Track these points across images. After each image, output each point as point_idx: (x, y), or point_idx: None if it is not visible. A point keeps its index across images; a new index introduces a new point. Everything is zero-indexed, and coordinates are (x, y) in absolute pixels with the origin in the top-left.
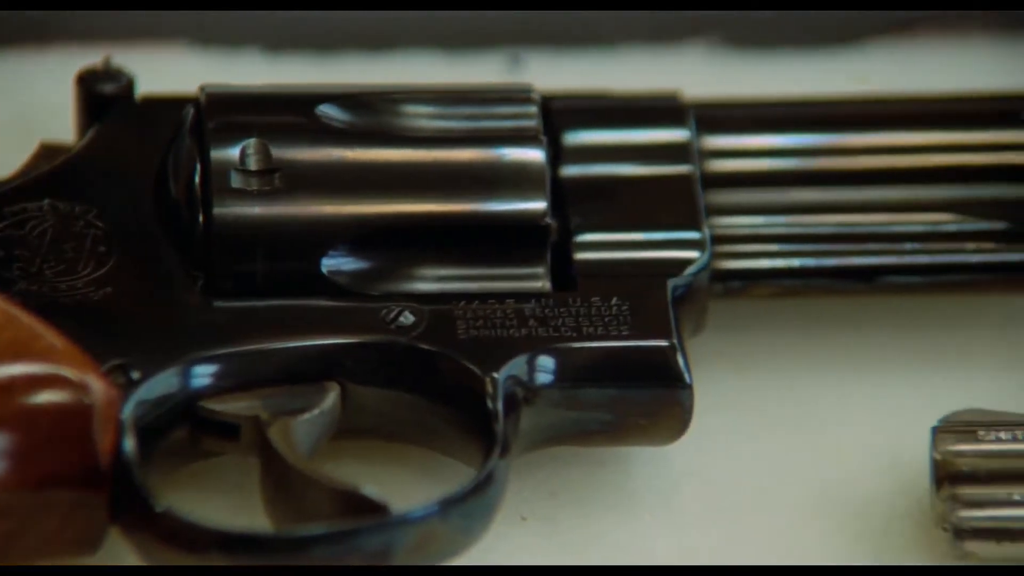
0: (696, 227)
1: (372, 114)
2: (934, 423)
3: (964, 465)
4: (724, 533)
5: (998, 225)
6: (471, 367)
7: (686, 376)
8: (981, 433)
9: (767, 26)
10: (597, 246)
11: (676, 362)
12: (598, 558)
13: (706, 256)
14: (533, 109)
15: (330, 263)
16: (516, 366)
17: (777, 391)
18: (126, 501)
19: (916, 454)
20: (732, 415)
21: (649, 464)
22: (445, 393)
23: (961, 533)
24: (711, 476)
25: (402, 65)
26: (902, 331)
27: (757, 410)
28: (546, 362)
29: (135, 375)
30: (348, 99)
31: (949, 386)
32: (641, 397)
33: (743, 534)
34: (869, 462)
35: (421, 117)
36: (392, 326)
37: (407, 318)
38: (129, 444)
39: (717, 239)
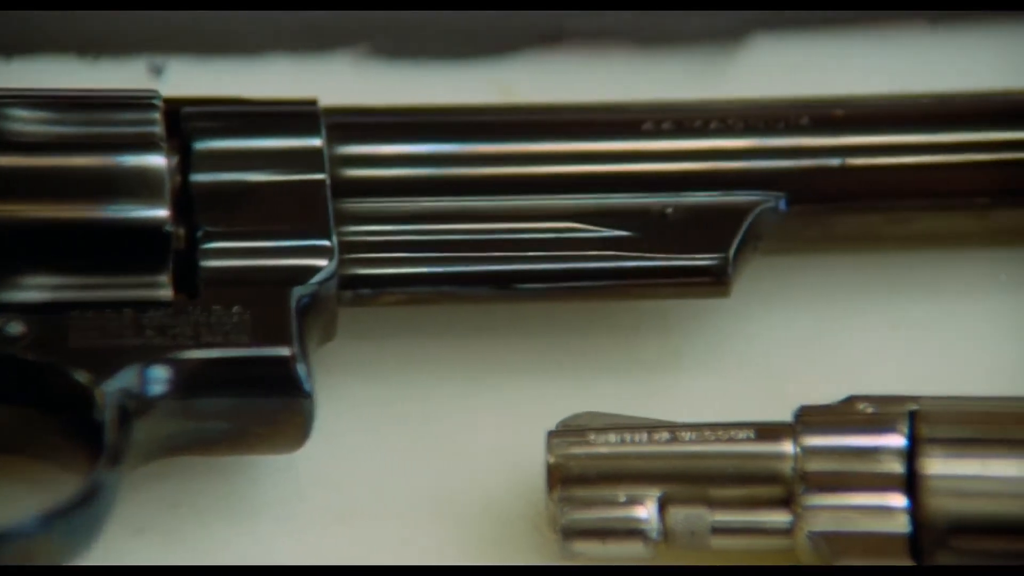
0: (324, 235)
1: None
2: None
3: (575, 467)
4: (348, 538)
5: (621, 233)
6: (79, 379)
7: (306, 385)
8: (592, 436)
9: (414, 36)
10: (223, 254)
11: (296, 371)
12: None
13: (333, 264)
14: (155, 115)
15: None
16: (128, 376)
17: (407, 398)
18: None
19: (536, 458)
20: (361, 422)
21: (275, 472)
22: (54, 405)
23: (568, 534)
24: (338, 482)
25: (38, 70)
26: (530, 337)
27: (386, 416)
28: (161, 372)
29: None
30: None
31: (574, 390)
32: (261, 406)
33: (366, 539)
34: (492, 466)
35: (34, 122)
36: None
37: (14, 328)
38: None
39: (347, 247)
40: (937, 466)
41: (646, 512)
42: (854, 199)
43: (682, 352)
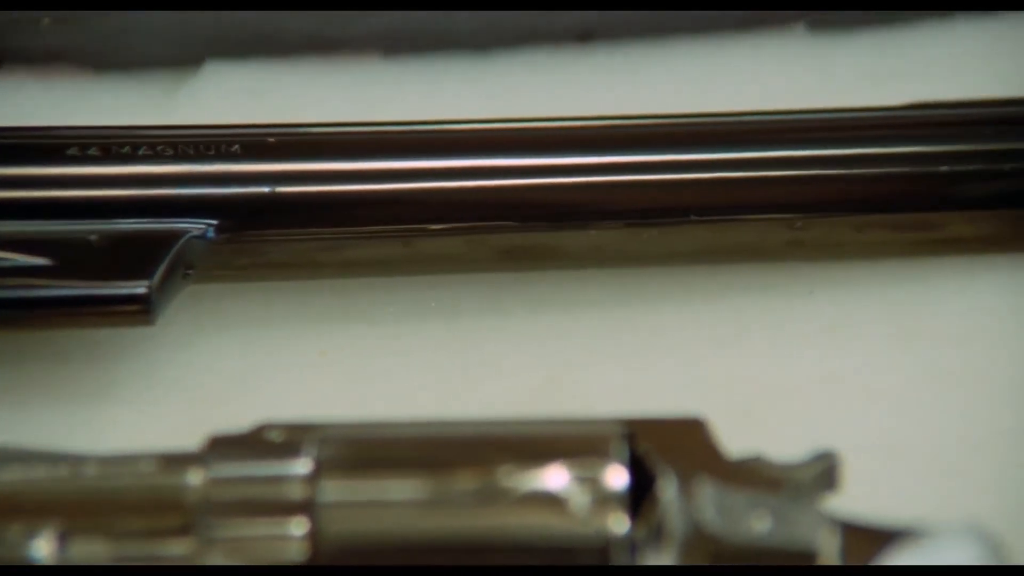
0: None
1: None
2: None
3: None
4: None
5: (41, 261)
6: None
7: None
8: None
9: None
10: None
11: None
12: None
13: None
14: None
15: None
16: None
17: None
18: None
19: None
20: None
21: None
22: None
23: None
24: None
25: None
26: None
27: None
28: None
29: None
30: None
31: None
32: None
33: None
34: None
35: None
36: None
37: None
38: None
39: None
40: (336, 491)
41: (44, 547)
42: (284, 226)
43: (111, 381)
